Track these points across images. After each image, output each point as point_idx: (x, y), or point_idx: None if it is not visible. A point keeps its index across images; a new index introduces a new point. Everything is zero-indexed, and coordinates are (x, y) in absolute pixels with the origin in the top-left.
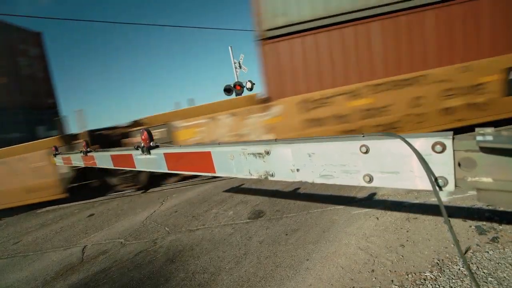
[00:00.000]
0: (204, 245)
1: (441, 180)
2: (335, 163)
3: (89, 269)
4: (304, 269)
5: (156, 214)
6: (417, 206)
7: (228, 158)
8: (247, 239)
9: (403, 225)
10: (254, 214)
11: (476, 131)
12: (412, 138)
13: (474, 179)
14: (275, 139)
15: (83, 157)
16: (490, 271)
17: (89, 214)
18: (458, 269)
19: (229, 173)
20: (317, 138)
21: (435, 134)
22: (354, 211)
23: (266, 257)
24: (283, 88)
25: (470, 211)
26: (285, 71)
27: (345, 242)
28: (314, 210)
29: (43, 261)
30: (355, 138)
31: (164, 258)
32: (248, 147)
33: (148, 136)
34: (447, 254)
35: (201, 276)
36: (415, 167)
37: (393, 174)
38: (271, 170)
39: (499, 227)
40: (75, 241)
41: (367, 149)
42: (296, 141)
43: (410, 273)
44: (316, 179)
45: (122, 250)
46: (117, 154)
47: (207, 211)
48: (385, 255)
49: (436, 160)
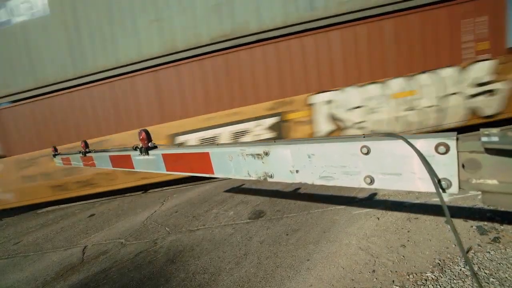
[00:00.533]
0: (204, 245)
1: (444, 182)
2: (336, 164)
3: (90, 270)
4: (304, 269)
5: (156, 214)
6: (418, 206)
7: (227, 159)
8: (247, 239)
9: (404, 225)
10: (255, 214)
11: (481, 132)
12: (414, 139)
13: (479, 181)
14: (274, 140)
15: (82, 157)
16: (492, 272)
17: (90, 214)
18: (459, 269)
19: (227, 174)
20: (317, 139)
21: (438, 135)
22: (355, 211)
23: (267, 257)
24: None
25: (471, 211)
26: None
27: (346, 242)
28: (314, 210)
29: (43, 261)
30: (356, 139)
31: (164, 259)
32: (247, 148)
33: (146, 137)
34: (448, 254)
35: (202, 277)
36: (417, 169)
37: (394, 176)
38: (270, 171)
39: (500, 227)
40: (75, 241)
41: (368, 150)
42: (296, 142)
43: (411, 274)
44: (316, 180)
45: (123, 250)
46: (115, 154)
47: (207, 211)
48: (386, 255)
49: (439, 161)
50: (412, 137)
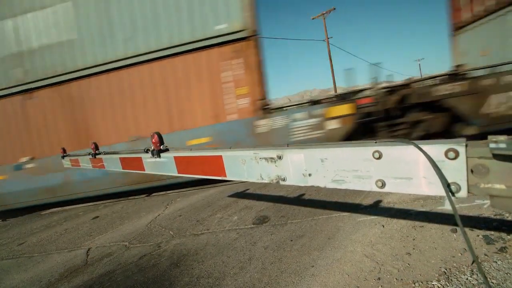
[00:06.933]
0: (208, 249)
1: (454, 186)
2: (348, 168)
3: (93, 272)
4: (309, 276)
5: (160, 218)
6: (423, 214)
7: (240, 162)
8: (251, 244)
9: (409, 233)
10: (259, 219)
11: (489, 139)
12: (425, 145)
13: (487, 185)
14: (287, 145)
15: (92, 159)
16: (499, 281)
17: (94, 216)
18: (466, 278)
19: (240, 177)
20: (330, 144)
21: (448, 141)
22: (360, 218)
23: (271, 262)
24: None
25: (477, 220)
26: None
27: (351, 249)
28: (319, 216)
29: (47, 262)
30: (368, 144)
31: (168, 262)
32: (260, 152)
33: (158, 140)
34: (454, 263)
35: (206, 281)
36: (428, 173)
37: (405, 180)
38: (283, 174)
39: (507, 237)
40: (79, 243)
41: (380, 155)
42: (309, 146)
43: (417, 282)
44: (328, 184)
45: (127, 253)
46: (126, 157)
47: (211, 216)
48: (391, 263)
49: (449, 166)
50: (423, 142)
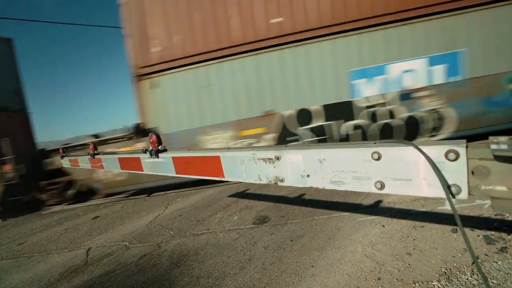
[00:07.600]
0: (208, 249)
1: (454, 188)
2: (346, 169)
3: (93, 272)
4: (309, 276)
5: (160, 218)
6: (423, 215)
7: (238, 163)
8: (252, 244)
9: (410, 233)
10: (259, 219)
11: (490, 140)
12: (425, 146)
13: (488, 187)
14: (285, 145)
15: (91, 159)
16: (500, 282)
17: (94, 216)
18: (466, 278)
19: (238, 178)
20: (328, 145)
21: (448, 142)
22: (360, 218)
23: (271, 263)
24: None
25: (478, 220)
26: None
27: (351, 249)
28: (319, 216)
29: (47, 262)
30: (367, 145)
31: (168, 262)
32: (258, 153)
33: (156, 140)
34: (454, 263)
35: (206, 281)
36: (428, 175)
37: (405, 181)
38: (281, 175)
39: (507, 237)
40: (79, 243)
41: (379, 155)
42: (307, 147)
43: (417, 282)
44: (327, 185)
45: (127, 253)
46: (124, 157)
47: (211, 216)
48: (392, 263)
49: (449, 167)
50: (423, 143)
